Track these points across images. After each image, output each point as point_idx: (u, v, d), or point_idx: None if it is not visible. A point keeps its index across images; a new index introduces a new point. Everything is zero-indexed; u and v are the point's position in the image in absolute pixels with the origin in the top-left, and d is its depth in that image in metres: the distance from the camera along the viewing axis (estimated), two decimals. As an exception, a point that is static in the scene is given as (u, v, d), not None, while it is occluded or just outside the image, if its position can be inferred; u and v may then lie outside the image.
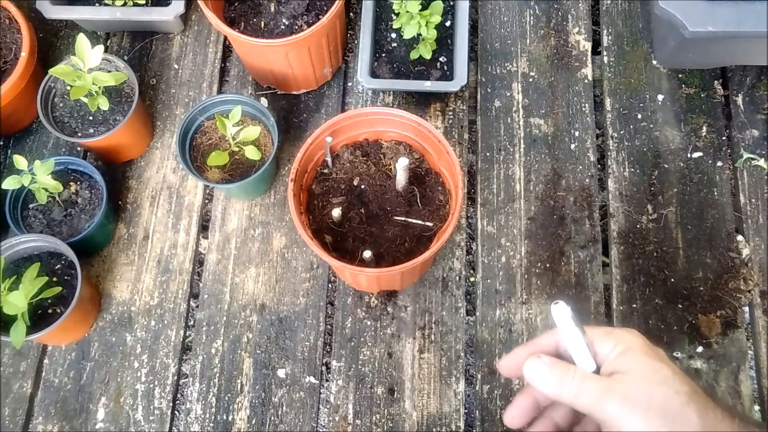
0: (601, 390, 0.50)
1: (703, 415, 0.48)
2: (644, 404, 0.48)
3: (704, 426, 0.48)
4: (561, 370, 0.52)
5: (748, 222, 1.06)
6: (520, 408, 0.58)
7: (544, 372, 0.52)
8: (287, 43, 0.99)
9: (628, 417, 0.48)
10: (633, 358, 0.51)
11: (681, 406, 0.48)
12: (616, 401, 0.49)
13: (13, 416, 0.99)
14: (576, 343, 0.54)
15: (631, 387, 0.49)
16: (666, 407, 0.48)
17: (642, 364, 0.51)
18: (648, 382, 0.49)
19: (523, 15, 1.21)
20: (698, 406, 0.49)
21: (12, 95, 1.05)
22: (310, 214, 0.95)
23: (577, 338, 0.54)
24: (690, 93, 1.15)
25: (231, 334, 1.03)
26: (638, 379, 0.49)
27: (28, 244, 0.98)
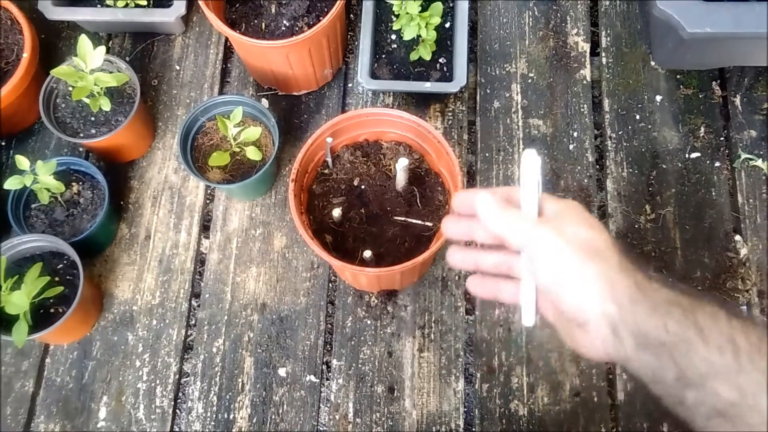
0: (533, 223, 0.53)
1: (623, 258, 0.51)
2: (571, 237, 0.51)
3: (620, 266, 0.50)
4: (503, 203, 0.55)
5: (746, 222, 1.07)
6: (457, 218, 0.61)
7: (488, 203, 0.55)
8: (288, 44, 1.00)
9: (556, 244, 0.51)
10: (571, 211, 0.54)
11: (605, 246, 0.51)
12: (545, 229, 0.52)
13: (14, 415, 1.00)
14: (530, 190, 0.56)
15: (564, 227, 0.52)
16: (591, 244, 0.51)
17: (576, 215, 0.54)
18: (579, 225, 0.52)
19: (522, 16, 1.22)
20: (620, 251, 0.51)
21: (14, 96, 1.06)
22: (311, 214, 0.95)
23: (532, 186, 0.56)
24: (688, 94, 1.15)
25: (232, 333, 1.04)
26: (570, 222, 0.53)
27: (30, 244, 0.99)
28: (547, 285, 0.52)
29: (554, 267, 0.51)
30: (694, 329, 0.45)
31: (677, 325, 0.46)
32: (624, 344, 0.48)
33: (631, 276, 0.49)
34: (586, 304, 0.49)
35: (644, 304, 0.48)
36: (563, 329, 0.55)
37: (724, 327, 0.45)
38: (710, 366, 0.44)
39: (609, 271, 0.49)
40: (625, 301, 0.48)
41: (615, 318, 0.48)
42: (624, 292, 0.48)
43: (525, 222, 0.54)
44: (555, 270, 0.51)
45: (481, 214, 0.55)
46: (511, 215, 0.54)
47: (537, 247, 0.52)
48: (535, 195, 0.56)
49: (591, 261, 0.50)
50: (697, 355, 0.45)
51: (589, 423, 0.97)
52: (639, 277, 0.50)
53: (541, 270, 0.52)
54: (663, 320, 0.46)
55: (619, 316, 0.48)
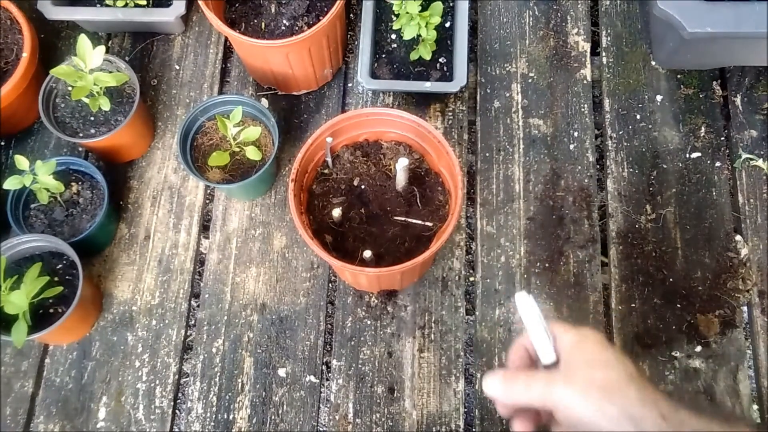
0: (547, 381, 0.54)
1: (641, 391, 0.51)
2: (585, 383, 0.51)
3: (642, 400, 0.50)
4: (510, 377, 0.56)
5: (747, 222, 1.07)
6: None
7: (496, 385, 0.57)
8: (288, 44, 1.00)
9: (571, 396, 0.51)
10: (584, 346, 0.55)
11: (620, 383, 0.51)
12: (560, 386, 0.52)
13: (14, 415, 0.99)
14: (537, 334, 0.58)
15: (576, 372, 0.53)
16: (605, 385, 0.51)
17: (590, 351, 0.54)
18: (591, 366, 0.53)
19: (523, 16, 1.22)
20: (638, 384, 0.52)
21: (13, 96, 1.06)
22: (311, 214, 0.95)
23: (538, 329, 0.58)
24: (689, 93, 1.15)
25: (232, 334, 1.04)
26: (583, 365, 0.53)
27: (29, 243, 0.99)
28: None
29: (577, 419, 0.52)
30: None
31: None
32: None
33: (654, 408, 0.50)
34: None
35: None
36: None
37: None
38: None
39: (631, 408, 0.50)
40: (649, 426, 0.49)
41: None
42: (649, 426, 0.49)
43: (536, 385, 0.54)
44: (579, 421, 0.52)
45: (495, 398, 0.57)
46: (517, 385, 0.55)
47: (556, 406, 0.53)
48: (545, 336, 0.58)
49: (609, 402, 0.50)
50: None
51: None
52: (663, 407, 0.50)
53: (567, 423, 0.53)
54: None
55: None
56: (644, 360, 1.00)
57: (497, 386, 0.57)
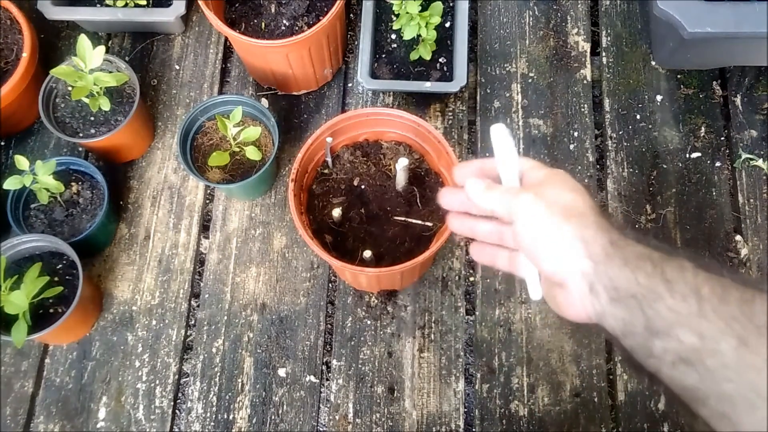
0: (520, 191, 0.56)
1: (599, 218, 0.53)
2: (551, 201, 0.53)
3: (597, 224, 0.52)
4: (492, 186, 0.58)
5: (747, 222, 1.07)
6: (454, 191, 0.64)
7: (480, 187, 0.58)
8: (288, 44, 1.00)
9: (537, 209, 0.53)
10: (555, 178, 0.57)
11: (582, 209, 0.53)
12: (530, 197, 0.54)
13: (14, 415, 0.99)
14: (507, 162, 0.59)
15: (545, 192, 0.54)
16: (569, 207, 0.53)
17: (560, 182, 0.56)
18: (559, 188, 0.55)
19: (523, 16, 1.22)
20: (597, 213, 0.54)
21: (13, 96, 1.06)
22: (311, 214, 0.95)
23: (509, 158, 0.59)
24: (689, 93, 1.15)
25: (232, 334, 1.04)
26: (552, 188, 0.55)
27: (29, 243, 0.99)
28: (528, 249, 0.54)
29: (533, 230, 0.53)
30: (662, 280, 0.47)
31: (647, 277, 0.48)
32: (600, 299, 0.50)
33: (606, 234, 0.51)
34: (563, 263, 0.51)
35: (617, 259, 0.50)
36: (547, 294, 0.57)
37: (690, 278, 0.47)
38: (675, 314, 0.46)
39: (586, 230, 0.51)
40: (600, 257, 0.50)
41: (590, 274, 0.50)
42: (599, 250, 0.50)
43: (507, 193, 0.56)
44: (534, 233, 0.53)
45: (470, 196, 0.59)
46: (494, 190, 0.57)
47: (518, 213, 0.54)
48: (513, 165, 0.59)
49: (568, 222, 0.52)
50: (663, 305, 0.47)
51: (589, 423, 0.97)
52: (614, 234, 0.51)
53: (522, 234, 0.54)
54: (634, 273, 0.48)
55: (594, 272, 0.50)
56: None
57: (480, 188, 0.58)
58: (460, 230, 0.65)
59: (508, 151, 0.59)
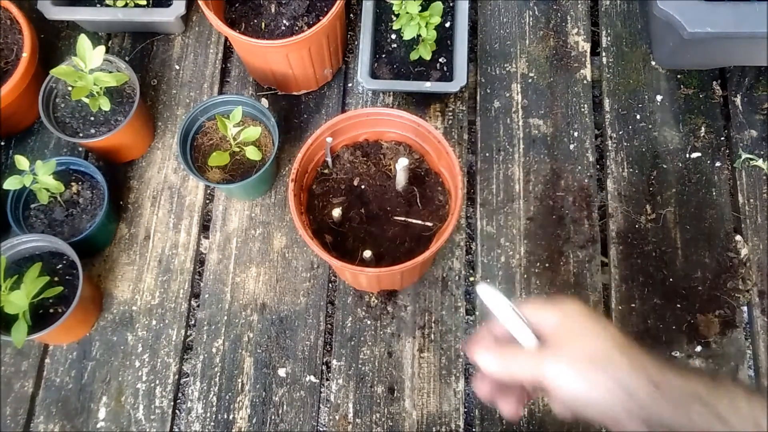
0: (537, 358, 0.54)
1: (630, 358, 0.51)
2: (573, 356, 0.51)
3: (631, 366, 0.50)
4: (505, 357, 0.56)
5: (747, 222, 1.07)
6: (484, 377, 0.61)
7: (491, 359, 0.56)
8: (288, 44, 1.00)
9: (561, 371, 0.51)
10: (570, 321, 0.55)
11: (607, 352, 0.51)
12: (549, 361, 0.52)
13: (14, 416, 0.99)
14: (511, 322, 0.57)
15: (563, 346, 0.53)
16: (593, 355, 0.51)
17: (575, 325, 0.54)
18: (578, 338, 0.53)
19: (523, 16, 1.22)
20: (625, 351, 0.52)
21: (13, 96, 1.06)
22: (311, 214, 0.95)
23: (511, 316, 0.57)
24: (689, 93, 1.15)
25: (232, 334, 1.04)
26: (569, 339, 0.53)
27: (29, 243, 0.99)
28: (572, 408, 0.53)
29: (570, 394, 0.52)
30: (717, 419, 0.48)
31: (700, 417, 0.48)
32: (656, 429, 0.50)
33: (644, 374, 0.50)
34: (612, 415, 0.51)
35: (665, 403, 0.49)
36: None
37: (745, 409, 0.47)
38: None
39: (623, 377, 0.50)
40: (647, 402, 0.49)
41: (642, 414, 0.50)
42: (643, 395, 0.50)
43: (528, 362, 0.54)
44: (571, 396, 0.52)
45: (487, 371, 0.57)
46: (509, 360, 0.55)
47: (548, 382, 0.53)
48: (517, 321, 0.57)
49: (598, 373, 0.51)
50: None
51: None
52: (652, 372, 0.51)
53: (559, 399, 0.53)
54: (687, 415, 0.48)
55: (646, 414, 0.50)
56: (644, 360, 0.99)
57: (491, 360, 0.56)
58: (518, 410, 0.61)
59: (504, 309, 0.57)
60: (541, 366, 0.53)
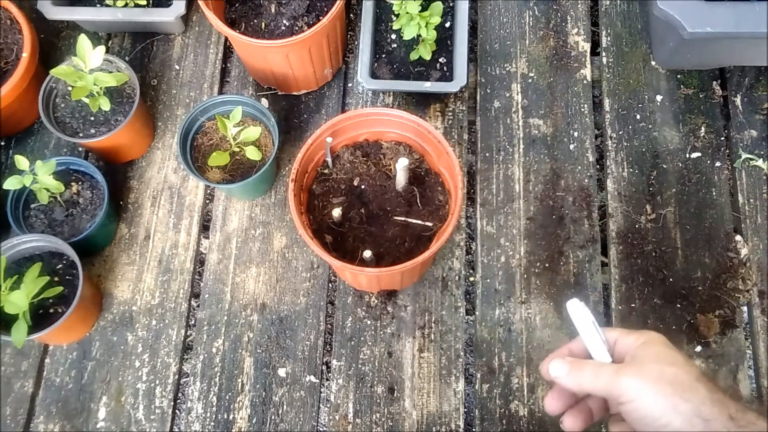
0: (617, 370, 0.54)
1: (712, 391, 0.51)
2: (656, 377, 0.52)
3: (712, 399, 0.50)
4: (578, 363, 0.57)
5: (747, 222, 1.07)
6: (558, 394, 0.62)
7: (563, 369, 0.57)
8: (288, 44, 1.00)
9: (641, 388, 0.52)
10: (650, 346, 0.55)
11: (691, 380, 0.52)
12: (630, 376, 0.53)
13: (14, 415, 0.99)
14: (591, 338, 0.58)
15: (645, 366, 0.53)
16: (676, 381, 0.52)
17: (657, 350, 0.55)
18: (661, 363, 0.53)
19: (523, 16, 1.22)
20: (708, 383, 0.52)
21: (13, 96, 1.06)
22: (311, 214, 0.95)
23: (591, 333, 0.58)
24: (689, 93, 1.15)
25: (232, 334, 1.04)
26: (652, 361, 0.53)
27: (29, 243, 0.99)
28: (643, 427, 0.53)
29: (646, 411, 0.52)
30: None
31: None
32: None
33: (724, 408, 0.50)
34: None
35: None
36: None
37: None
38: None
39: (702, 407, 0.50)
40: (714, 417, 0.50)
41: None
42: (719, 427, 0.50)
43: (604, 373, 0.55)
44: (647, 414, 0.52)
45: (559, 381, 0.58)
46: (584, 370, 0.56)
47: (624, 396, 0.53)
48: (597, 338, 0.58)
49: (681, 399, 0.51)
50: None
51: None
52: (732, 408, 0.51)
53: (633, 415, 0.53)
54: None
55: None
56: (644, 360, 0.99)
57: (563, 370, 0.57)
58: (580, 426, 0.61)
59: (589, 325, 0.58)
60: (619, 380, 0.53)
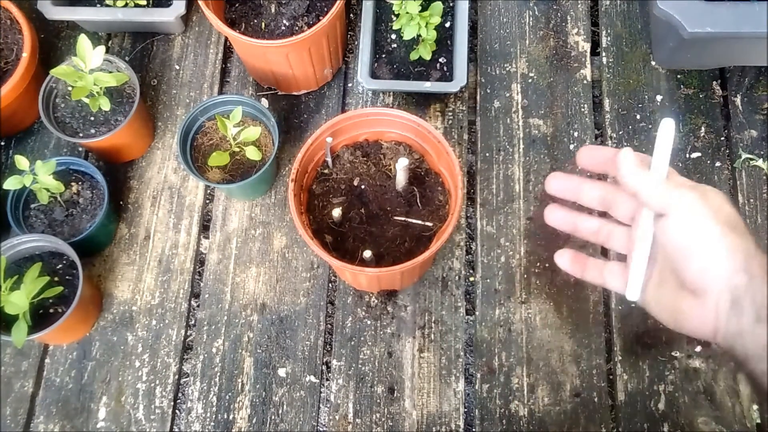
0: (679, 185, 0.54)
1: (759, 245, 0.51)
2: (716, 208, 0.51)
3: (758, 246, 0.50)
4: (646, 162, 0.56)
5: (747, 222, 1.07)
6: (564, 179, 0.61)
7: (634, 161, 0.55)
8: (288, 44, 1.00)
9: (701, 210, 0.51)
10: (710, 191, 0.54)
11: (744, 226, 0.51)
12: (694, 197, 0.52)
13: (14, 416, 0.99)
14: (663, 158, 0.56)
15: (708, 194, 0.52)
16: (732, 219, 0.51)
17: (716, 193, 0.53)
18: (722, 201, 0.52)
19: (523, 16, 1.22)
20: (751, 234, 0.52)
21: (13, 96, 1.06)
22: (311, 214, 0.95)
23: (666, 152, 0.56)
24: (689, 93, 1.15)
25: (232, 334, 1.04)
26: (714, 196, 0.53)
27: (29, 244, 0.99)
28: (678, 248, 0.52)
29: (693, 231, 0.51)
30: None
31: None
32: (742, 317, 0.48)
33: (765, 255, 0.50)
34: (715, 271, 0.50)
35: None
36: (668, 302, 0.54)
37: None
38: None
39: (748, 246, 0.50)
40: (757, 273, 0.48)
41: (741, 289, 0.48)
42: (759, 266, 0.49)
43: (669, 183, 0.54)
44: (693, 234, 0.51)
45: (623, 169, 0.55)
46: (650, 174, 0.55)
47: (678, 208, 0.52)
48: (666, 163, 0.56)
49: (732, 233, 0.50)
50: None
51: (589, 423, 0.97)
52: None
53: (676, 232, 0.52)
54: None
55: (747, 288, 0.48)
56: (644, 360, 1.00)
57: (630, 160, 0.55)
58: (561, 224, 0.61)
59: (668, 145, 0.56)
60: (679, 192, 0.52)
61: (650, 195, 0.54)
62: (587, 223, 0.60)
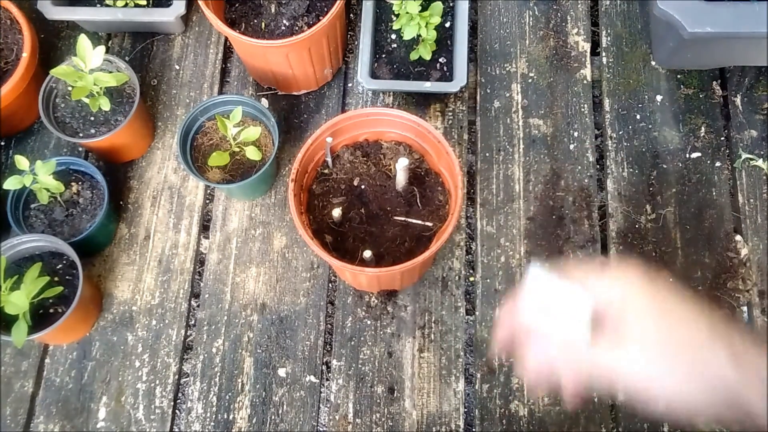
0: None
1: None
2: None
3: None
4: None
5: (747, 222, 1.07)
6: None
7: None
8: (288, 44, 1.00)
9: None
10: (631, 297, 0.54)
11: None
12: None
13: (14, 416, 0.99)
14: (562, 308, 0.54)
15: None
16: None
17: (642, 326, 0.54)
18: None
19: (523, 16, 1.22)
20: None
21: (13, 96, 1.06)
22: (311, 214, 0.95)
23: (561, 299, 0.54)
24: (689, 93, 1.15)
25: (232, 334, 1.04)
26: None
27: (29, 244, 0.99)
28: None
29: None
30: None
31: None
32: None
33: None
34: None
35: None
36: None
37: None
38: None
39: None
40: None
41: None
42: None
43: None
44: None
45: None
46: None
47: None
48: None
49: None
50: None
51: (589, 423, 0.97)
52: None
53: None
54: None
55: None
56: (644, 360, 0.99)
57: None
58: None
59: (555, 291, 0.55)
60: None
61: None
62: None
